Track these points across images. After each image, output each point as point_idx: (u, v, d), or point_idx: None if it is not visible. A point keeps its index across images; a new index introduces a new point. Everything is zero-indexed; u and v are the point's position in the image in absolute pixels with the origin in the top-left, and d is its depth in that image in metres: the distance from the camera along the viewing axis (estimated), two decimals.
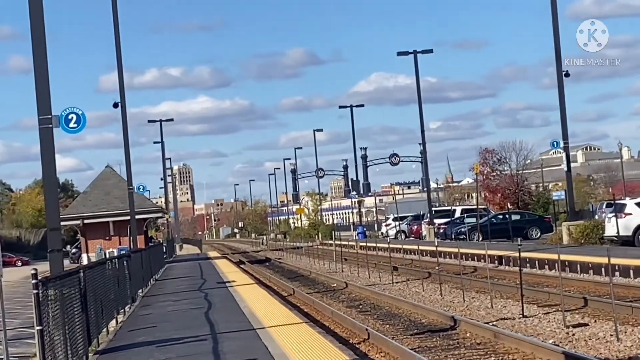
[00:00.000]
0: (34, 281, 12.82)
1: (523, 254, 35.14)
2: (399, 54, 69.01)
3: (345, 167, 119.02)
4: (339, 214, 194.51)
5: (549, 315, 20.88)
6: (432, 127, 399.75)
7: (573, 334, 17.86)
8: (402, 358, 16.42)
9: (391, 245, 46.37)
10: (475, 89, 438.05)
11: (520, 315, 21.07)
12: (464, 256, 41.13)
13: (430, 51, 69.05)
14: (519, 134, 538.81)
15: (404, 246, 53.53)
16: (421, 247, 42.64)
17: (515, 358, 15.79)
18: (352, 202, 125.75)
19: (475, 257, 40.52)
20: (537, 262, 34.84)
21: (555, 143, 43.78)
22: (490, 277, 29.89)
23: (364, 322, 22.94)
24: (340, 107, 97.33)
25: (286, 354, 15.09)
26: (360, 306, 27.81)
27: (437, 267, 34.39)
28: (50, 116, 18.28)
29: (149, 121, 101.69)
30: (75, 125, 18.71)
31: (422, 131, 70.72)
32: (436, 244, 35.37)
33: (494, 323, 20.24)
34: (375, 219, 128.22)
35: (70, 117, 18.72)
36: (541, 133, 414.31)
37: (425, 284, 31.99)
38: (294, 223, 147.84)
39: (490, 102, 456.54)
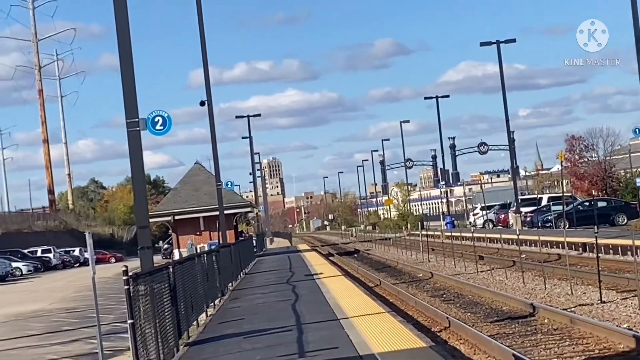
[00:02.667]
0: (125, 277, 13.63)
1: (607, 241, 35.33)
2: (482, 44, 68.95)
3: (434, 157, 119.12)
4: (428, 204, 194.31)
5: (627, 300, 21.16)
6: (521, 115, 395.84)
7: None
8: (480, 344, 16.93)
9: (478, 235, 46.72)
10: (564, 75, 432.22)
11: (599, 301, 21.38)
12: (548, 244, 41.35)
13: (513, 40, 68.91)
14: (609, 120, 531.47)
15: (489, 235, 53.72)
16: (505, 236, 42.86)
17: (589, 342, 16.20)
18: (440, 192, 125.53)
19: (560, 245, 40.60)
20: (619, 248, 34.86)
21: (637, 130, 43.42)
22: (573, 264, 30.23)
23: (447, 310, 23.47)
24: (426, 98, 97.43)
25: (366, 342, 15.69)
26: (444, 295, 28.31)
27: (522, 256, 34.68)
28: (137, 119, 19.11)
29: (237, 117, 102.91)
30: (162, 127, 19.52)
31: (507, 120, 70.64)
32: (518, 233, 35.62)
33: (572, 309, 20.61)
34: (464, 208, 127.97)
35: (156, 119, 19.53)
36: (632, 118, 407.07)
37: (509, 272, 32.32)
38: (383, 214, 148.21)
39: (579, 88, 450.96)
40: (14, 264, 72.46)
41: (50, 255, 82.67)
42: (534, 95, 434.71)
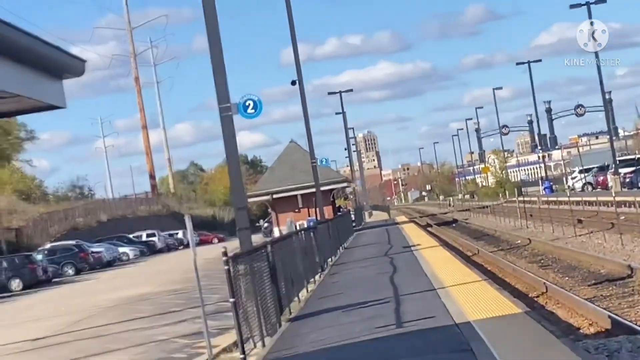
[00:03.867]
0: (224, 258, 14.19)
1: None
2: (572, 6, 68.13)
3: (530, 122, 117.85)
4: (526, 169, 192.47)
5: None
6: (619, 74, 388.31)
7: None
8: (576, 308, 17.12)
9: (575, 199, 46.39)
10: None
11: None
12: None
13: (604, 1, 67.93)
14: None
15: (586, 198, 53.34)
16: (601, 198, 42.55)
17: None
18: (538, 157, 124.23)
19: None
20: None
21: None
22: None
23: (544, 276, 23.63)
24: (518, 63, 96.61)
25: (462, 311, 16.00)
26: (542, 261, 28.41)
27: (621, 218, 34.48)
28: (229, 104, 19.71)
29: (329, 93, 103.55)
30: (253, 110, 20.07)
31: (601, 82, 69.69)
32: (614, 195, 35.38)
33: None
34: (562, 172, 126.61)
35: (247, 103, 20.08)
36: None
37: (608, 235, 32.21)
38: (481, 182, 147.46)
39: None
40: (121, 249, 74.34)
41: (155, 239, 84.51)
42: (631, 54, 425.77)
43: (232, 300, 14.21)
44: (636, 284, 19.34)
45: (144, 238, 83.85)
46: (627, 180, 62.22)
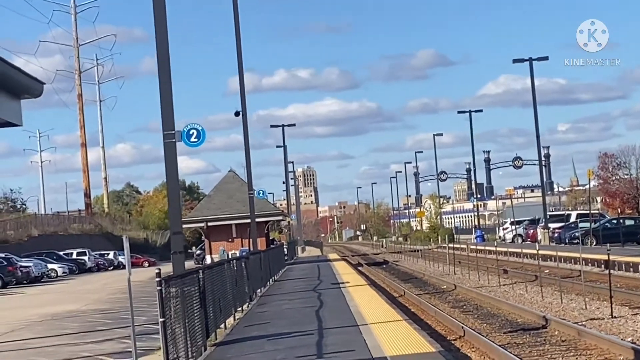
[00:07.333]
0: (157, 279, 14.77)
1: (629, 259, 36.15)
2: (515, 61, 69.98)
3: (469, 170, 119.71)
4: (462, 217, 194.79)
5: (637, 316, 22.07)
6: (560, 129, 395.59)
7: None
8: (490, 352, 17.93)
9: (503, 249, 47.47)
10: (605, 91, 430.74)
11: (610, 316, 22.30)
12: (572, 260, 42.17)
13: (546, 58, 69.85)
14: None
15: (512, 250, 54.62)
16: (526, 251, 43.73)
17: (592, 354, 17.19)
18: (473, 205, 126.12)
19: (583, 261, 41.39)
20: None
21: None
22: (594, 281, 31.19)
23: (464, 320, 24.49)
24: (459, 112, 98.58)
25: (381, 346, 16.75)
26: (464, 307, 29.28)
27: (545, 271, 35.55)
28: (173, 131, 20.34)
29: (272, 126, 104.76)
30: (196, 139, 20.73)
31: (538, 137, 71.56)
32: (537, 249, 36.51)
33: (583, 323, 21.56)
34: (496, 222, 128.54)
35: (191, 132, 20.75)
36: None
37: (530, 286, 33.22)
38: (415, 226, 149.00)
39: (621, 103, 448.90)
40: (50, 266, 73.97)
41: (85, 257, 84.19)
42: (574, 110, 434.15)
43: (161, 320, 14.77)
44: (549, 335, 20.23)
45: (74, 256, 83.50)
46: (556, 235, 63.69)
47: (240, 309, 27.35)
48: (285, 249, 69.07)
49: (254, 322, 23.64)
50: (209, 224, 61.98)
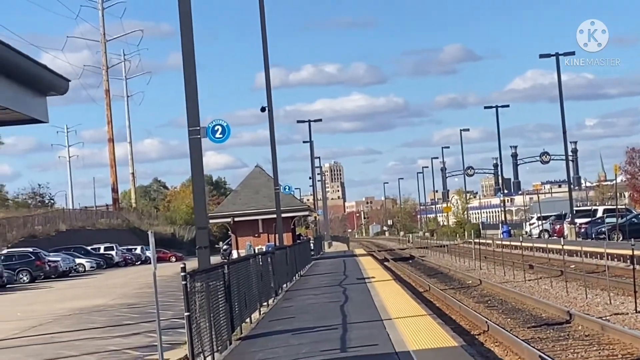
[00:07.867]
0: (183, 274, 14.96)
1: None
2: (541, 56, 69.69)
3: (496, 166, 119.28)
4: (489, 212, 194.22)
5: None
6: (588, 124, 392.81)
7: None
8: (512, 346, 18.02)
9: (529, 244, 47.41)
10: (634, 85, 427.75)
11: (634, 311, 22.31)
12: (598, 255, 42.06)
13: (572, 53, 68.96)
14: None
15: (538, 245, 54.51)
16: (552, 246, 43.65)
17: (615, 348, 17.27)
18: (500, 200, 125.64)
19: (609, 257, 41.29)
20: None
21: None
22: (619, 276, 31.11)
23: (489, 316, 24.55)
24: (486, 107, 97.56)
25: (404, 340, 16.87)
26: (489, 301, 29.34)
27: (571, 266, 35.51)
28: (198, 127, 20.51)
29: (298, 122, 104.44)
30: (221, 135, 20.91)
31: (564, 132, 71.20)
32: (562, 244, 36.46)
33: (607, 318, 21.61)
34: (523, 217, 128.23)
35: (216, 128, 20.92)
36: None
37: (555, 281, 33.23)
38: (442, 221, 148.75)
39: None
40: (78, 260, 74.53)
41: (113, 252, 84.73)
42: (602, 105, 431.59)
43: (187, 314, 14.96)
44: (572, 330, 20.28)
45: (101, 251, 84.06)
46: (582, 230, 63.49)
47: (265, 303, 27.49)
48: (311, 244, 69.21)
49: (279, 317, 23.80)
50: (236, 219, 62.16)
